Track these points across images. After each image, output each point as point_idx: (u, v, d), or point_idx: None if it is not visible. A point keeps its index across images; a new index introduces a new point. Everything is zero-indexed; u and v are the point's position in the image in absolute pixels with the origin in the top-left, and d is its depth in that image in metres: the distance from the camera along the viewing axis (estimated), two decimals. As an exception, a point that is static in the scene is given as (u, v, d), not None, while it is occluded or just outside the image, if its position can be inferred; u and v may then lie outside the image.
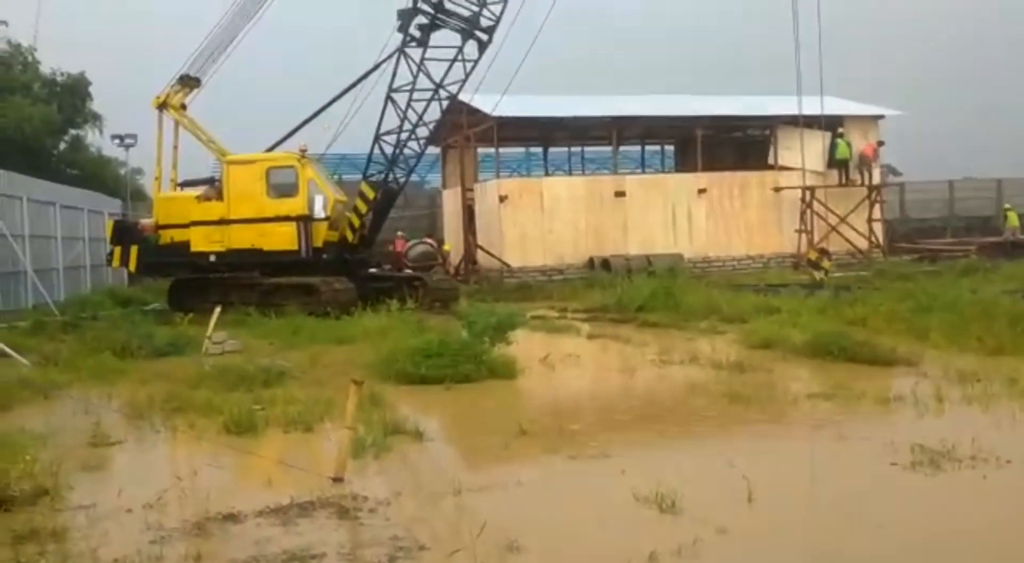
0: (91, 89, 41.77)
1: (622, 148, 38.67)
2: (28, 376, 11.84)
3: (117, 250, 21.83)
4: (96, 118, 42.47)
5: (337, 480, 6.80)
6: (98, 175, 40.81)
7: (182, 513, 6.18)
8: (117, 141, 36.67)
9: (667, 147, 41.18)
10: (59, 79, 41.41)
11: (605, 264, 28.82)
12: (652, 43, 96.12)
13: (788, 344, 12.85)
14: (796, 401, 9.54)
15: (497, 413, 9.60)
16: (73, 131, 42.03)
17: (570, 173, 39.96)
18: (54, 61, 43.59)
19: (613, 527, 5.78)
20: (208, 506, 6.26)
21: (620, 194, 30.80)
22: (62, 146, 41.27)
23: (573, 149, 41.46)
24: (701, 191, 31.56)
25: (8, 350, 13.47)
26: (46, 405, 10.19)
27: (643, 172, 39.99)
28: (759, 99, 34.13)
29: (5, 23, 40.88)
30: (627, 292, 20.37)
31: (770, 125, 32.80)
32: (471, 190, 31.99)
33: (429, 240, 28.38)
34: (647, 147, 41.13)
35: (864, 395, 9.44)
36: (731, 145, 36.29)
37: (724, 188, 31.92)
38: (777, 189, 31.81)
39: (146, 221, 22.43)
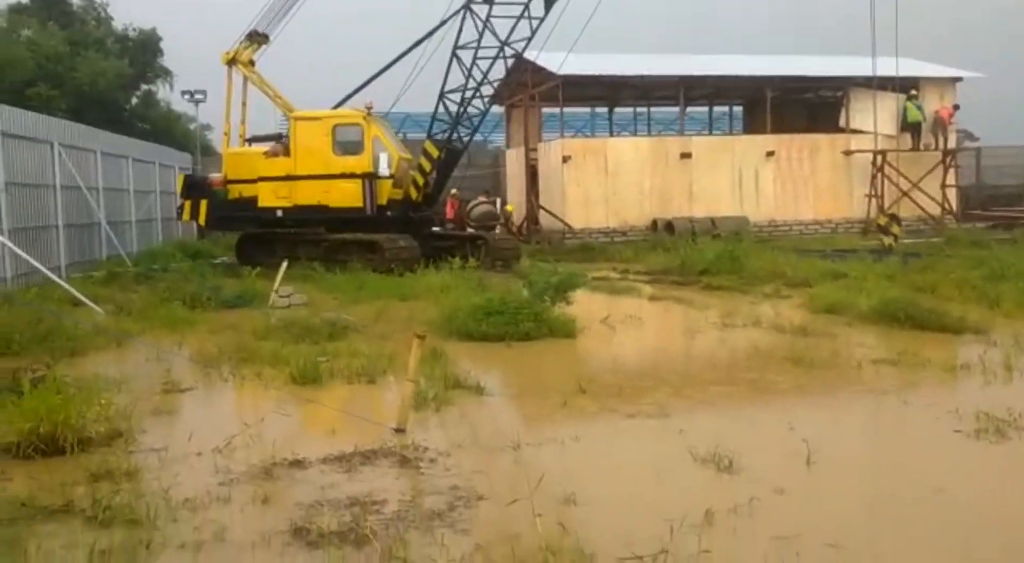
0: (162, 45, 42.59)
1: (689, 109, 38.05)
2: (102, 324, 12.23)
3: (187, 204, 22.25)
4: (167, 73, 43.32)
5: (399, 431, 6.94)
6: (169, 130, 41.65)
7: (249, 458, 6.37)
8: (187, 97, 37.22)
9: (735, 108, 40.42)
10: (131, 34, 42.24)
11: (669, 227, 28.53)
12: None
13: (854, 310, 12.64)
14: (860, 366, 9.40)
15: (556, 371, 9.66)
16: (145, 86, 42.89)
17: (635, 134, 39.53)
18: (126, 17, 44.51)
19: (670, 484, 5.81)
20: (274, 452, 6.44)
21: (686, 156, 30.36)
22: (134, 101, 42.16)
23: (639, 109, 40.94)
24: (769, 154, 30.94)
25: (84, 299, 13.93)
26: (119, 352, 10.52)
27: (710, 134, 39.36)
28: (832, 60, 33.26)
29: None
30: (691, 255, 20.18)
31: (842, 87, 31.92)
32: (534, 150, 31.85)
33: (484, 198, 28.30)
34: (715, 108, 40.42)
35: (930, 362, 9.27)
36: (801, 107, 35.46)
37: (793, 151, 31.24)
38: (848, 152, 31.05)
39: (215, 176, 22.80)
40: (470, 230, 24.92)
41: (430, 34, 21.35)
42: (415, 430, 7.00)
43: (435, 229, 22.91)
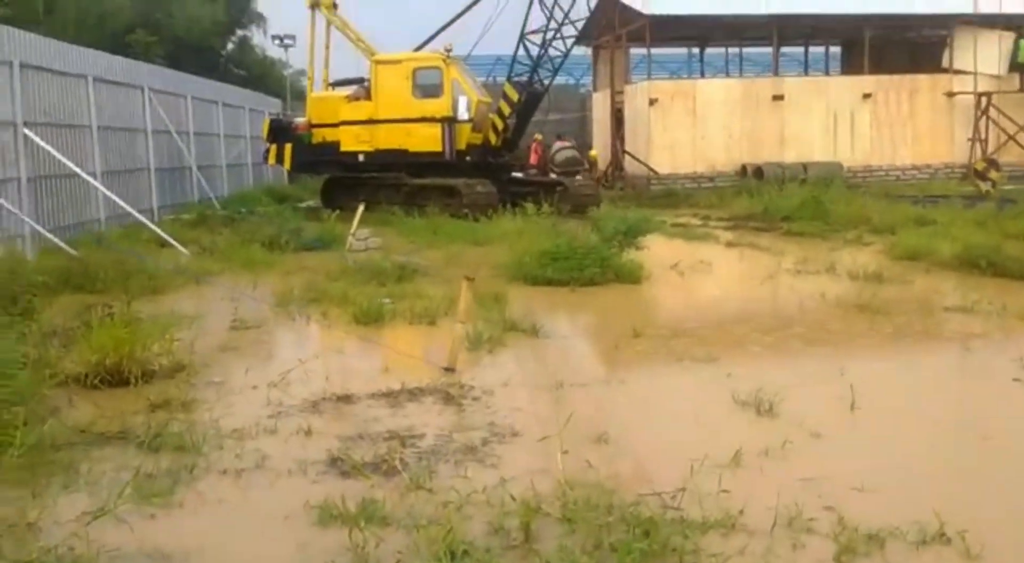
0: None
1: (784, 49, 36.77)
2: (185, 264, 12.74)
3: (273, 148, 22.77)
4: (260, 19, 44.06)
5: (448, 370, 7.10)
6: (264, 76, 42.51)
7: (301, 392, 6.61)
8: (277, 42, 37.84)
9: (832, 48, 38.89)
10: (225, -21, 42.96)
11: (758, 172, 27.87)
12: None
13: (935, 256, 12.24)
14: (930, 313, 9.16)
15: (615, 316, 9.66)
16: (240, 32, 43.72)
17: (727, 75, 38.48)
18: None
19: (704, 426, 5.81)
20: (326, 387, 6.68)
21: (778, 98, 29.48)
22: (229, 47, 43.05)
23: (732, 50, 39.78)
24: (866, 96, 29.79)
25: (171, 240, 14.50)
26: (197, 291, 10.94)
27: (806, 75, 38.01)
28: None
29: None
30: (775, 201, 19.78)
31: (946, 25, 30.36)
32: (620, 93, 31.35)
33: (563, 143, 28.03)
34: (811, 48, 38.95)
35: (1004, 310, 8.95)
36: (902, 47, 33.86)
37: (892, 93, 29.99)
38: (950, 94, 29.66)
39: (300, 120, 23.22)
40: (552, 175, 24.81)
41: (511, -26, 21.12)
42: (465, 370, 7.15)
43: (515, 174, 22.85)
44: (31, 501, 4.44)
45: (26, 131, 13.62)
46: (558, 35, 20.50)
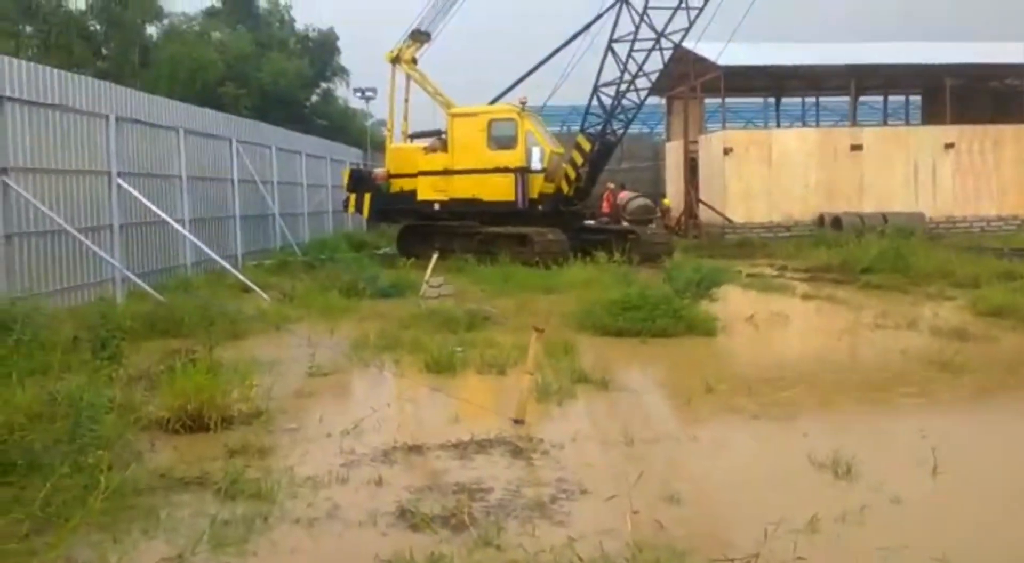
0: (338, 44, 44.62)
1: (863, 98, 36.38)
2: (265, 310, 13.06)
3: (352, 197, 23.37)
4: (343, 72, 45.34)
5: (518, 422, 7.11)
6: (345, 126, 43.62)
7: (373, 441, 6.70)
8: (359, 94, 38.89)
9: (912, 97, 38.28)
10: (311, 35, 44.47)
11: (836, 222, 27.48)
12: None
13: (1021, 313, 11.84)
14: (1016, 372, 8.85)
15: (687, 369, 9.55)
16: (323, 84, 45.06)
17: (804, 124, 38.15)
18: (307, 18, 46.80)
19: (779, 489, 5.70)
20: (397, 436, 6.76)
21: (856, 147, 29.12)
22: (314, 98, 44.33)
23: (808, 99, 39.48)
24: (948, 145, 29.23)
25: (253, 286, 14.90)
26: (276, 336, 11.20)
27: (886, 124, 37.46)
28: (1020, 46, 30.92)
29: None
30: (853, 252, 19.44)
31: (1032, 73, 29.71)
32: (694, 142, 31.34)
33: (628, 192, 28.02)
34: (890, 97, 38.41)
35: (1096, 372, 8.60)
36: (985, 96, 33.20)
37: (975, 142, 29.38)
38: (1037, 144, 28.89)
39: (379, 170, 23.80)
40: (624, 224, 24.80)
41: (586, 28, 21.50)
42: (533, 422, 7.15)
43: (587, 222, 22.94)
44: (112, 546, 4.57)
45: (120, 181, 14.23)
46: (632, 87, 20.66)
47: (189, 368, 7.30)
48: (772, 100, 39.66)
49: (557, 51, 22.03)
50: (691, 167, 31.16)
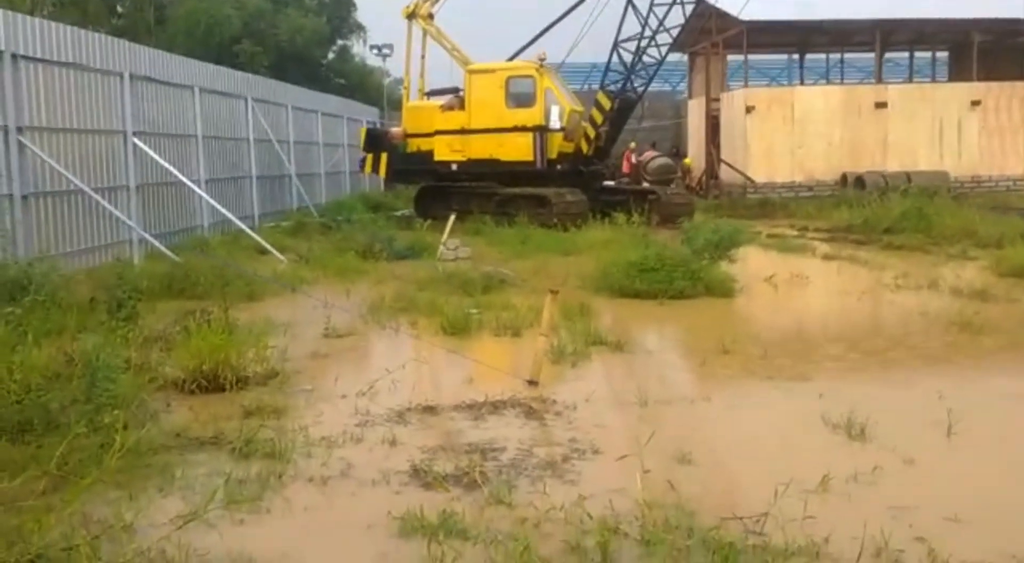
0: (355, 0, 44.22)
1: (889, 55, 35.71)
2: (282, 272, 13.10)
3: (369, 157, 23.17)
4: (360, 29, 44.99)
5: (532, 383, 7.11)
6: (363, 84, 43.43)
7: (388, 402, 6.72)
8: (375, 51, 38.65)
9: (939, 54, 37.55)
10: (327, -9, 44.06)
11: (859, 181, 27.13)
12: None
13: (1045, 273, 11.69)
14: (1037, 335, 8.73)
15: (704, 330, 9.50)
16: (340, 42, 44.76)
17: (828, 81, 37.55)
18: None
19: (792, 449, 5.68)
20: (411, 398, 6.78)
21: (881, 105, 28.64)
22: (330, 56, 44.07)
23: (833, 56, 38.80)
24: (975, 103, 28.68)
25: (269, 247, 14.94)
26: (292, 298, 11.23)
27: (912, 81, 36.81)
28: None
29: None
30: (875, 212, 19.23)
31: (1064, 28, 29.01)
32: (716, 100, 30.92)
33: (652, 152, 27.81)
34: (917, 54, 37.67)
35: (1120, 333, 8.48)
36: (1014, 52, 32.47)
37: (1003, 100, 28.82)
38: (1066, 101, 28.31)
39: (395, 130, 23.62)
40: (645, 184, 24.63)
41: (606, -18, 21.08)
42: (548, 383, 7.15)
43: (607, 183, 22.75)
44: (128, 503, 4.62)
45: (135, 140, 14.23)
46: (653, 43, 20.36)
47: (204, 329, 7.34)
48: (796, 56, 39.00)
49: (576, 5, 21.71)
50: (712, 125, 30.79)
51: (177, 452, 5.54)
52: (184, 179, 15.51)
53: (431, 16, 22.67)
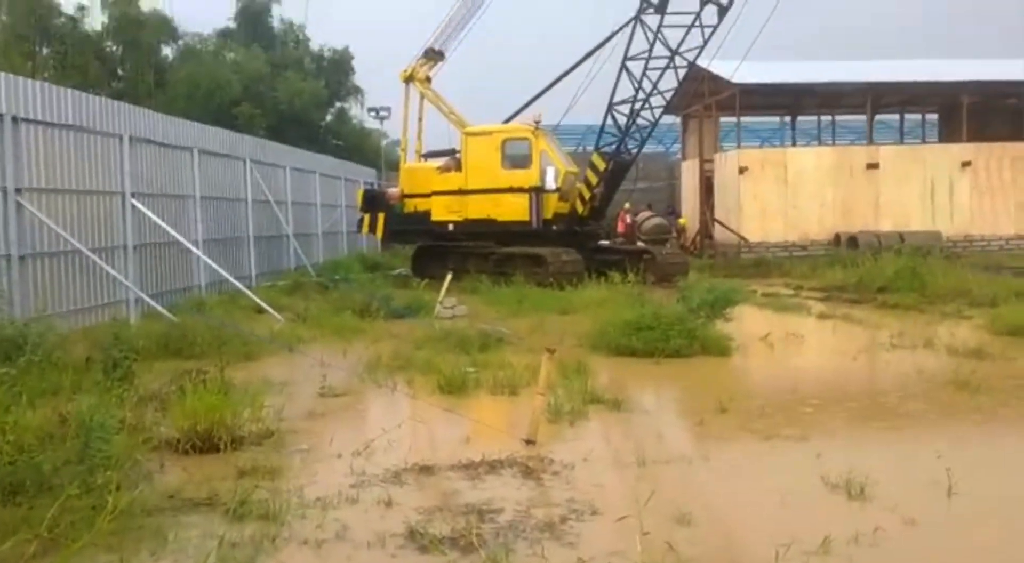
0: (353, 63, 44.94)
1: (879, 116, 36.28)
2: (279, 331, 13.08)
3: (366, 217, 23.38)
4: (358, 91, 45.63)
5: (529, 442, 7.06)
6: (360, 146, 43.85)
7: (384, 462, 6.66)
8: (372, 114, 39.15)
9: (929, 116, 38.15)
10: (326, 55, 44.78)
11: (852, 241, 27.33)
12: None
13: (1040, 332, 11.71)
14: (1034, 394, 8.71)
15: (701, 389, 9.47)
16: (338, 104, 45.33)
17: (820, 143, 38.06)
18: (321, 37, 47.15)
19: (792, 510, 5.62)
20: (407, 457, 6.72)
21: (873, 166, 29.01)
22: (328, 118, 44.59)
23: (824, 118, 39.40)
24: (965, 164, 29.07)
25: (266, 307, 14.93)
26: (289, 358, 11.20)
27: (903, 142, 37.34)
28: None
29: (279, 2, 44.79)
30: (869, 271, 19.31)
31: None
32: (709, 161, 31.30)
33: (647, 212, 28.04)
34: (907, 115, 38.28)
35: (1117, 393, 8.47)
36: (1003, 114, 33.03)
37: (993, 161, 29.23)
38: (1055, 162, 28.69)
39: (393, 190, 23.84)
40: (640, 244, 24.76)
41: (600, 46, 21.50)
42: (545, 442, 7.10)
43: (602, 242, 22.90)
44: (120, 567, 4.56)
45: (133, 201, 14.32)
46: (646, 105, 20.67)
47: (200, 388, 7.30)
48: (788, 118, 39.59)
49: (571, 70, 22.06)
50: (706, 186, 31.10)
51: (170, 514, 5.47)
52: (182, 239, 15.58)
53: (428, 80, 23.05)
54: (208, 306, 14.94)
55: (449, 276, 16.57)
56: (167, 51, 40.97)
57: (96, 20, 38.50)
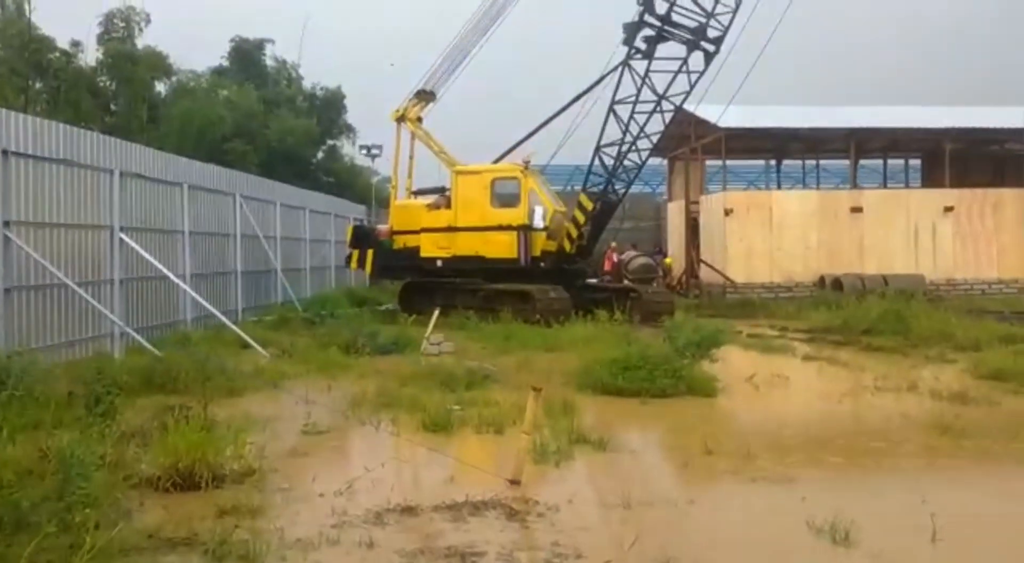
0: (345, 102, 45.26)
1: (863, 161, 36.71)
2: (263, 367, 13.02)
3: (355, 253, 23.47)
4: (350, 129, 45.95)
5: (514, 483, 7.03)
6: (351, 183, 44.05)
7: (366, 502, 6.61)
8: (364, 152, 39.39)
9: (912, 161, 38.63)
10: (318, 93, 45.12)
11: (837, 283, 27.49)
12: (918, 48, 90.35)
13: (1022, 376, 11.77)
14: (1017, 437, 8.75)
15: (686, 430, 9.46)
16: (330, 141, 45.59)
17: (804, 186, 38.47)
18: (314, 76, 47.51)
19: (776, 554, 5.62)
20: (390, 497, 6.67)
21: (857, 210, 29.26)
22: (320, 155, 44.82)
23: (809, 162, 39.83)
24: (948, 209, 29.36)
25: (251, 342, 14.87)
26: (273, 394, 11.13)
27: (886, 187, 37.75)
28: (1019, 110, 31.25)
29: (272, 41, 45.18)
30: (854, 313, 19.41)
31: (1031, 138, 29.96)
32: (695, 203, 31.54)
33: (633, 251, 28.24)
34: (890, 160, 38.75)
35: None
36: (985, 160, 33.49)
37: (975, 206, 29.52)
38: (1036, 208, 29.03)
39: (382, 227, 23.94)
40: (626, 283, 24.86)
41: (589, 89, 21.72)
42: (530, 483, 7.06)
43: (589, 281, 22.97)
44: (96, 607, 4.50)
45: (122, 235, 14.31)
46: (633, 148, 20.86)
47: (182, 425, 7.25)
48: (773, 162, 40.00)
49: (561, 112, 22.26)
50: (692, 227, 31.31)
51: (149, 553, 5.41)
52: (169, 274, 15.54)
53: (419, 119, 23.24)
54: (193, 341, 14.86)
55: (436, 312, 16.57)
56: (160, 88, 41.20)
57: (90, 55, 38.76)
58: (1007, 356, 13.28)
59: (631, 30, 20.57)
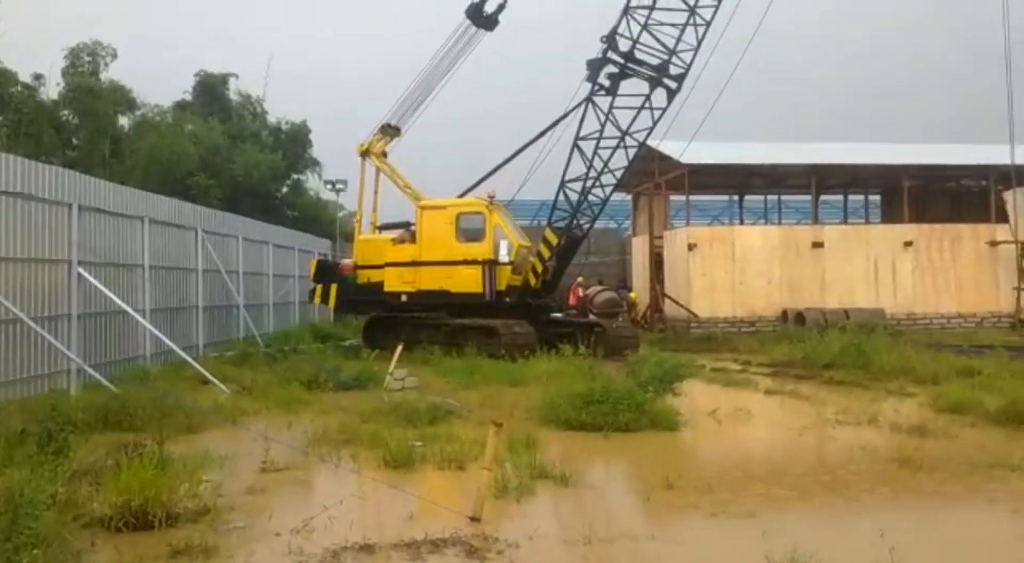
0: (311, 137, 45.20)
1: (824, 197, 37.29)
2: (223, 403, 12.84)
3: (319, 288, 23.31)
4: (315, 164, 45.86)
5: (474, 519, 6.97)
6: (316, 217, 43.86)
7: (324, 540, 6.51)
8: (329, 186, 39.31)
9: (872, 196, 39.33)
10: (283, 128, 45.02)
11: (799, 318, 27.77)
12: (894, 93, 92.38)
13: (980, 409, 11.93)
14: (975, 471, 8.83)
15: (649, 465, 9.45)
16: (295, 176, 45.44)
17: (767, 221, 38.96)
18: (280, 110, 47.40)
19: (735, 590, 5.59)
20: (349, 535, 6.58)
21: (818, 245, 29.68)
22: (285, 190, 44.61)
23: (771, 197, 40.40)
24: (907, 244, 29.88)
25: (211, 378, 14.68)
26: (232, 431, 10.96)
27: (847, 222, 38.34)
28: (974, 148, 31.99)
29: (236, 76, 45.11)
30: (816, 347, 19.56)
31: (986, 175, 30.61)
32: (659, 238, 31.81)
33: (598, 286, 28.39)
34: (851, 196, 39.42)
35: (1054, 470, 8.61)
36: (942, 196, 34.20)
37: (934, 241, 30.08)
38: (992, 243, 29.59)
39: (346, 261, 23.83)
40: (591, 317, 24.92)
41: (553, 125, 21.93)
42: (491, 520, 7.01)
43: (554, 315, 23.01)
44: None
45: (80, 270, 14.12)
46: (598, 183, 21.06)
47: (136, 463, 7.11)
48: (735, 197, 40.52)
49: (525, 147, 22.39)
50: (656, 262, 31.54)
51: (98, 595, 5.28)
52: (128, 309, 15.34)
53: (384, 154, 23.29)
54: (152, 376, 14.66)
55: (400, 347, 16.48)
56: (124, 121, 40.87)
57: (52, 89, 38.47)
58: (966, 389, 13.44)
59: (595, 66, 20.86)
